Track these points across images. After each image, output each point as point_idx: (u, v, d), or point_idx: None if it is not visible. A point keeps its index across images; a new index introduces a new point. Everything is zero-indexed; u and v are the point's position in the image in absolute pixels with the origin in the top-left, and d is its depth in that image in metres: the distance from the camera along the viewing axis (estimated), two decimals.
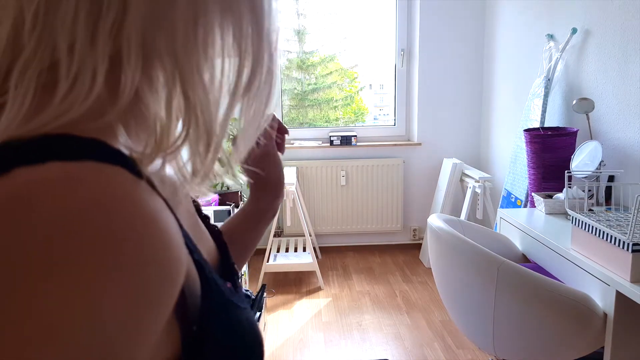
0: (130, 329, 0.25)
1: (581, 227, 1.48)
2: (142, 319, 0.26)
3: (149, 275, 0.26)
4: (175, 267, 0.28)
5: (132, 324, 0.25)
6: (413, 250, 3.56)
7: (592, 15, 2.12)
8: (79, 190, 0.25)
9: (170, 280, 0.28)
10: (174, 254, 0.28)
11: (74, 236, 0.24)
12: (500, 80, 3.12)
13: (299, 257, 3.07)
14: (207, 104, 0.33)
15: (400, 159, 3.46)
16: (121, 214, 0.26)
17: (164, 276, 0.27)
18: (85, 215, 0.25)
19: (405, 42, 3.47)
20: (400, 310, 2.70)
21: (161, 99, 0.32)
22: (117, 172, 0.27)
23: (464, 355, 2.25)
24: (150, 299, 0.26)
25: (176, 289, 0.29)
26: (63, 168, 0.26)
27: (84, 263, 0.24)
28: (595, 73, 2.11)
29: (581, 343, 1.44)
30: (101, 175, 0.27)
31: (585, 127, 2.07)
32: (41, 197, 0.25)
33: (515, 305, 1.47)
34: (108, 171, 0.27)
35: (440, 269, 1.76)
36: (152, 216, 0.27)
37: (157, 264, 0.27)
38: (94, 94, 0.30)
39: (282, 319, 2.63)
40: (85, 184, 0.26)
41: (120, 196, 0.26)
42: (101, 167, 0.27)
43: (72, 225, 0.24)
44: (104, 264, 0.24)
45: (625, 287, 1.29)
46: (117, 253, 0.25)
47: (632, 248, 1.27)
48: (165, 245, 0.27)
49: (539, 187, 2.10)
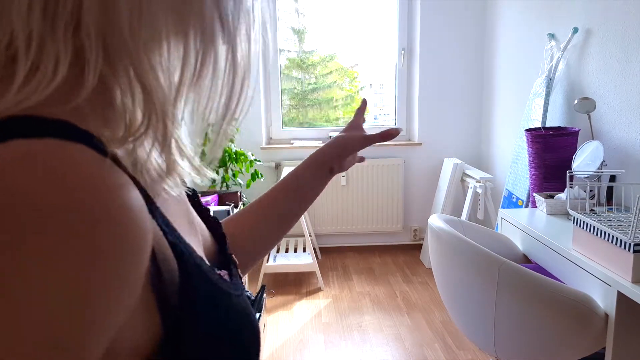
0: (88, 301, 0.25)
1: (582, 227, 1.47)
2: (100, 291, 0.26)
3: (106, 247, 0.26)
4: (136, 240, 0.28)
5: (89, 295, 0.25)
6: (413, 251, 3.55)
7: (593, 15, 2.11)
8: (39, 166, 0.26)
9: (131, 253, 0.28)
10: (134, 228, 0.28)
11: (31, 210, 0.24)
12: (501, 80, 3.11)
13: (299, 258, 3.06)
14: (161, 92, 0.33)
15: (401, 159, 3.45)
16: (79, 187, 0.26)
17: (123, 248, 0.27)
18: (43, 189, 0.25)
19: (405, 41, 3.46)
20: (401, 311, 2.69)
21: (125, 88, 0.33)
22: (79, 148, 0.28)
23: (465, 355, 2.24)
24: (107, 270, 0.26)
25: (139, 263, 0.29)
26: (24, 145, 0.26)
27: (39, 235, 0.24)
28: (597, 72, 2.10)
29: (582, 343, 1.43)
30: (62, 151, 0.27)
31: (586, 126, 2.06)
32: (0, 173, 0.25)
33: (516, 306, 1.46)
34: (70, 147, 0.27)
35: (440, 269, 1.75)
36: (112, 190, 0.27)
37: (114, 235, 0.27)
38: (57, 82, 0.30)
39: (282, 320, 2.62)
40: (45, 159, 0.26)
41: (80, 170, 0.27)
42: (63, 144, 0.27)
43: (30, 199, 0.25)
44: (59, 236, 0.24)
45: (626, 288, 1.28)
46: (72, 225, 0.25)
47: (634, 248, 1.26)
48: (124, 218, 0.27)
49: (540, 187, 2.09)
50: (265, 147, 3.42)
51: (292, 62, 3.64)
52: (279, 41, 3.44)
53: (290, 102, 3.69)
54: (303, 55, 3.65)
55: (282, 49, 3.56)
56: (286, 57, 3.61)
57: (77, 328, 0.25)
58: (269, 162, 3.43)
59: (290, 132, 3.58)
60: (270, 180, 3.44)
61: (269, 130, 3.56)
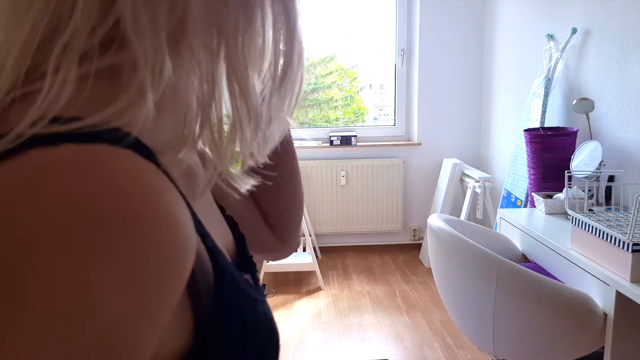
0: (137, 310, 0.25)
1: (581, 227, 1.48)
2: (150, 301, 0.26)
3: (157, 256, 0.26)
4: (184, 249, 0.28)
5: (138, 305, 0.25)
6: (413, 250, 3.56)
7: (592, 15, 2.12)
8: (89, 172, 0.25)
9: (178, 263, 0.28)
10: (182, 237, 0.28)
11: (81, 218, 0.24)
12: (500, 80, 3.12)
13: (299, 257, 3.07)
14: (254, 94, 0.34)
15: (400, 159, 3.46)
16: (129, 195, 0.25)
17: (172, 258, 0.27)
18: (93, 196, 0.25)
19: (405, 42, 3.47)
20: (400, 310, 2.70)
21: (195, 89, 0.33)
22: (128, 154, 0.27)
23: (464, 355, 2.25)
24: (157, 281, 0.26)
25: (185, 272, 0.28)
26: (75, 150, 0.26)
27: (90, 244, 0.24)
28: (595, 73, 2.11)
29: (581, 343, 1.44)
30: (112, 157, 0.27)
31: (585, 127, 2.07)
32: (50, 179, 0.25)
33: (515, 305, 1.47)
34: (119, 153, 0.27)
35: (440, 269, 1.76)
36: (162, 198, 0.27)
37: (165, 245, 0.26)
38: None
39: (282, 319, 2.63)
40: (95, 165, 0.26)
41: (129, 177, 0.26)
42: (113, 149, 0.27)
43: (80, 206, 0.24)
44: (111, 245, 0.24)
45: (625, 287, 1.29)
46: (124, 234, 0.25)
47: (632, 248, 1.27)
48: (173, 227, 0.27)
49: (539, 187, 2.10)
50: None
51: None
52: None
53: None
54: None
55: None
56: None
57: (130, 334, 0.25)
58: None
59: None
60: None
61: None
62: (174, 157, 0.32)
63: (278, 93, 0.37)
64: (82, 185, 0.25)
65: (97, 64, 0.30)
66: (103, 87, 0.31)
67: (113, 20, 0.30)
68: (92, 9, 0.29)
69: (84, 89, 0.30)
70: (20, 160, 0.25)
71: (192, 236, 0.29)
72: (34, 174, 0.25)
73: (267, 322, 0.41)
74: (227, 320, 0.35)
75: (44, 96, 0.28)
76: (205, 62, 0.32)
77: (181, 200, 0.29)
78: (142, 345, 0.26)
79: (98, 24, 0.30)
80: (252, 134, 0.34)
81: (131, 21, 0.29)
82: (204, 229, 0.35)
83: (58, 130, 0.27)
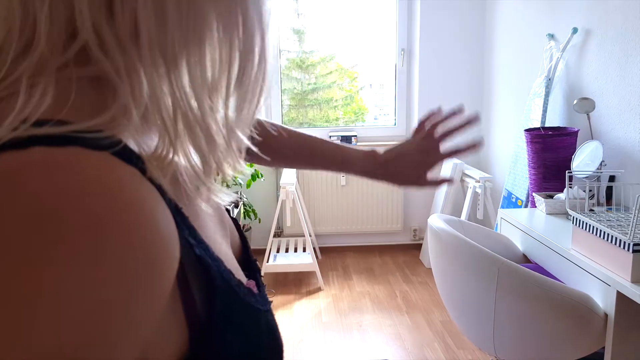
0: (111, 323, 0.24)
1: (582, 227, 1.47)
2: (126, 313, 0.25)
3: (132, 265, 0.25)
4: (163, 257, 0.27)
5: (113, 317, 0.25)
6: (413, 251, 3.55)
7: (592, 15, 2.12)
8: (55, 175, 0.25)
9: (157, 271, 0.27)
10: (161, 244, 0.27)
11: (44, 222, 0.23)
12: (501, 80, 3.11)
13: (299, 258, 3.06)
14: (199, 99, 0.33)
15: None
16: (97, 198, 0.25)
17: (149, 266, 0.26)
18: (59, 200, 0.24)
19: (405, 41, 3.46)
20: (401, 311, 2.69)
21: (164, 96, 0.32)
22: (102, 157, 0.27)
23: (464, 355, 2.24)
24: (131, 290, 0.25)
25: (165, 281, 0.28)
26: (44, 153, 0.25)
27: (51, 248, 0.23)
28: (596, 73, 2.10)
29: (582, 343, 1.43)
30: (83, 160, 0.26)
31: (586, 127, 2.06)
32: (14, 181, 0.24)
33: (515, 306, 1.47)
34: (91, 156, 0.26)
35: (440, 269, 1.75)
36: (135, 202, 0.26)
37: (141, 253, 0.26)
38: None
39: (282, 320, 2.63)
40: (63, 168, 0.25)
41: (102, 182, 0.26)
42: (85, 152, 0.26)
43: (43, 212, 0.24)
44: (78, 254, 0.24)
45: (625, 288, 1.28)
46: (94, 242, 0.24)
47: (633, 248, 1.26)
48: (151, 235, 0.26)
49: (540, 187, 2.10)
50: None
51: (292, 62, 3.64)
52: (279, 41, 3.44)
53: (290, 102, 3.69)
54: (303, 55, 3.66)
55: (282, 49, 3.56)
56: (286, 57, 3.61)
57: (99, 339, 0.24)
58: None
59: None
60: (270, 180, 3.44)
61: None
62: (161, 164, 0.31)
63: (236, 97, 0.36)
64: (45, 189, 0.24)
65: (77, 72, 0.30)
66: (91, 94, 0.31)
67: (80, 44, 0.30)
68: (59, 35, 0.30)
69: (69, 93, 0.30)
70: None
71: (173, 240, 0.28)
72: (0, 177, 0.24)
73: (270, 333, 0.40)
74: (225, 329, 0.34)
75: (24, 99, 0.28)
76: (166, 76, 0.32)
77: (161, 205, 0.28)
78: (122, 347, 0.25)
79: (67, 45, 0.30)
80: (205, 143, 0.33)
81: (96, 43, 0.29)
82: (197, 237, 0.34)
83: (34, 134, 0.26)
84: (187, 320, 0.32)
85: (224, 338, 0.34)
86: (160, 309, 0.28)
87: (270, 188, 3.47)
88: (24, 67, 0.29)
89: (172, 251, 0.28)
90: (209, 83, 0.34)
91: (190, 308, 0.32)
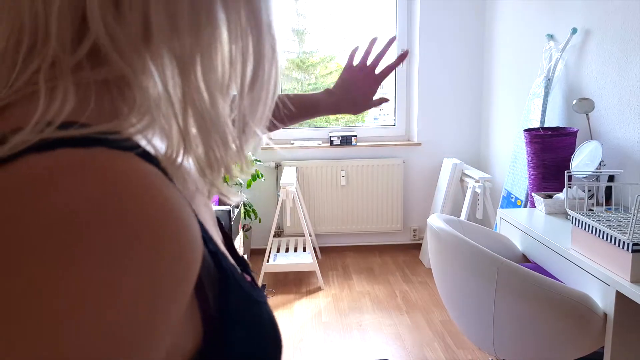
0: (146, 319, 0.25)
1: (581, 227, 1.48)
2: (158, 308, 0.25)
3: (164, 263, 0.25)
4: (192, 250, 0.27)
5: (147, 313, 0.25)
6: (413, 251, 3.56)
7: (592, 15, 2.12)
8: (86, 177, 0.25)
9: (186, 268, 0.27)
10: (189, 242, 0.27)
11: (80, 225, 0.23)
12: (500, 80, 3.12)
13: (299, 257, 3.07)
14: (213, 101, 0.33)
15: (400, 159, 3.46)
16: (133, 200, 0.25)
17: (179, 264, 0.26)
18: (92, 202, 0.24)
19: (405, 42, 3.47)
20: (400, 311, 2.70)
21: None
22: (129, 158, 0.27)
23: (464, 355, 2.25)
24: (164, 287, 0.25)
25: (193, 272, 0.28)
26: (72, 154, 0.25)
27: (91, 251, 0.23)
28: (595, 73, 2.11)
29: (581, 343, 1.44)
30: (111, 161, 0.26)
31: (585, 127, 2.07)
32: (46, 184, 0.24)
33: (515, 306, 1.47)
34: (119, 157, 0.26)
35: (440, 269, 1.76)
36: (167, 202, 0.26)
37: (172, 251, 0.26)
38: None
39: (282, 319, 2.63)
40: (93, 169, 0.25)
41: (132, 182, 0.26)
42: (112, 153, 0.26)
43: (78, 213, 0.24)
44: (115, 252, 0.24)
45: (625, 287, 1.29)
46: (129, 240, 0.24)
47: (632, 248, 1.27)
48: (180, 232, 0.27)
49: (539, 187, 2.10)
50: (265, 147, 3.41)
51: (292, 62, 3.65)
52: None
53: None
54: (303, 55, 3.66)
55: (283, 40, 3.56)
56: (286, 57, 3.62)
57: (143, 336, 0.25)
58: (269, 162, 3.44)
59: (290, 132, 3.58)
60: (270, 180, 3.45)
61: None
62: (173, 165, 0.31)
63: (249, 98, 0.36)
64: (76, 191, 0.24)
65: (93, 74, 0.30)
66: (106, 97, 0.31)
67: (90, 43, 0.30)
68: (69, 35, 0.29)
69: (89, 97, 0.30)
70: (12, 168, 0.25)
71: (199, 237, 0.29)
72: (24, 182, 0.24)
73: (270, 325, 0.40)
74: (235, 323, 0.35)
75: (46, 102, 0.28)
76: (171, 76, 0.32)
77: (187, 203, 0.29)
78: (155, 346, 0.26)
79: (77, 46, 0.30)
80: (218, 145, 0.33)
81: (110, 44, 0.29)
82: (207, 233, 0.34)
83: (56, 136, 0.26)
84: (201, 317, 0.32)
85: (235, 333, 0.35)
86: (185, 304, 0.28)
87: (271, 188, 3.47)
88: (36, 68, 0.29)
89: (198, 249, 0.28)
90: (222, 84, 0.34)
91: (204, 305, 0.32)
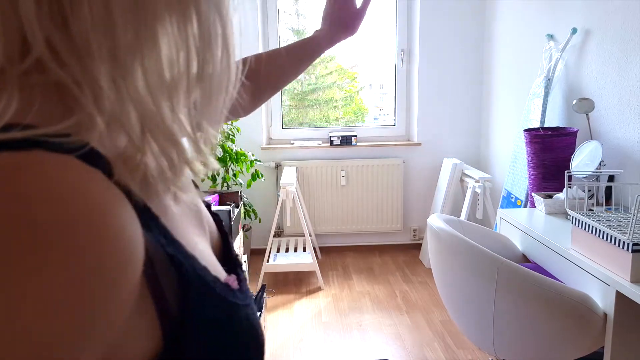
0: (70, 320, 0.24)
1: (581, 227, 1.48)
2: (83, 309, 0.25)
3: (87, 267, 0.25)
4: (120, 258, 0.27)
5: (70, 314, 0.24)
6: (413, 251, 3.56)
7: (592, 15, 2.12)
8: (12, 178, 0.25)
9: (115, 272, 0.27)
10: (115, 245, 0.27)
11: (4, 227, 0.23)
12: (500, 80, 3.12)
13: (299, 257, 3.07)
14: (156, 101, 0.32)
15: (400, 159, 3.46)
16: (54, 201, 0.25)
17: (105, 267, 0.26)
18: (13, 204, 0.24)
19: (405, 42, 3.47)
20: (400, 311, 2.70)
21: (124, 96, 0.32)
22: (64, 160, 0.27)
23: (464, 355, 2.25)
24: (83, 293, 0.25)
25: (125, 277, 0.28)
26: (6, 157, 0.26)
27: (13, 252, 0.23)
28: (595, 73, 2.11)
29: (581, 343, 1.44)
30: (43, 163, 0.26)
31: (585, 127, 2.07)
32: None
33: (514, 305, 1.47)
34: (52, 159, 0.26)
35: (440, 269, 1.76)
36: (94, 204, 0.26)
37: (91, 257, 0.25)
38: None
39: (282, 319, 2.63)
40: (22, 171, 0.25)
41: (57, 183, 0.26)
42: (47, 155, 0.27)
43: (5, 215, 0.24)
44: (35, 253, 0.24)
45: (625, 287, 1.29)
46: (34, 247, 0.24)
47: (632, 248, 1.27)
48: (102, 235, 0.26)
49: (539, 187, 2.10)
50: (265, 147, 3.42)
51: None
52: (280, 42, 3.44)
53: (290, 103, 3.69)
54: None
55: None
56: None
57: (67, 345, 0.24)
58: (269, 162, 3.44)
59: (290, 132, 3.58)
60: (270, 180, 3.45)
61: (269, 130, 3.57)
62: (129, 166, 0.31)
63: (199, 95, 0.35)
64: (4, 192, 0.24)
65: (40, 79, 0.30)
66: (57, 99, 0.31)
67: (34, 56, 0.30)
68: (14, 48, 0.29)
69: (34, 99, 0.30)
70: None
71: (135, 241, 0.28)
72: None
73: (249, 328, 0.40)
74: (200, 326, 0.35)
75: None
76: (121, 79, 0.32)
77: (123, 207, 0.28)
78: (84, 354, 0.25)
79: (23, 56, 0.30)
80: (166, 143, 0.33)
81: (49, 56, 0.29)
82: (168, 236, 0.34)
83: None
84: (160, 319, 0.32)
85: (199, 334, 0.35)
86: (123, 311, 0.28)
87: (270, 188, 3.47)
88: None
89: (134, 254, 0.28)
90: (168, 83, 0.33)
91: (162, 307, 0.32)
